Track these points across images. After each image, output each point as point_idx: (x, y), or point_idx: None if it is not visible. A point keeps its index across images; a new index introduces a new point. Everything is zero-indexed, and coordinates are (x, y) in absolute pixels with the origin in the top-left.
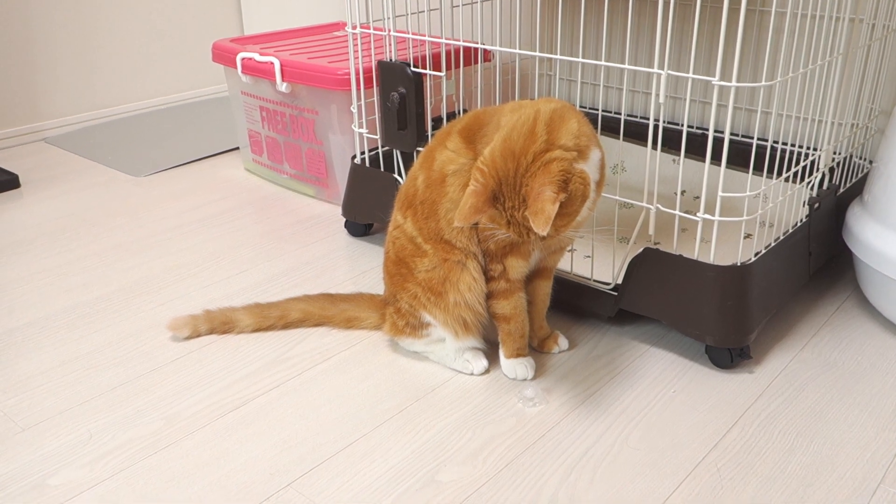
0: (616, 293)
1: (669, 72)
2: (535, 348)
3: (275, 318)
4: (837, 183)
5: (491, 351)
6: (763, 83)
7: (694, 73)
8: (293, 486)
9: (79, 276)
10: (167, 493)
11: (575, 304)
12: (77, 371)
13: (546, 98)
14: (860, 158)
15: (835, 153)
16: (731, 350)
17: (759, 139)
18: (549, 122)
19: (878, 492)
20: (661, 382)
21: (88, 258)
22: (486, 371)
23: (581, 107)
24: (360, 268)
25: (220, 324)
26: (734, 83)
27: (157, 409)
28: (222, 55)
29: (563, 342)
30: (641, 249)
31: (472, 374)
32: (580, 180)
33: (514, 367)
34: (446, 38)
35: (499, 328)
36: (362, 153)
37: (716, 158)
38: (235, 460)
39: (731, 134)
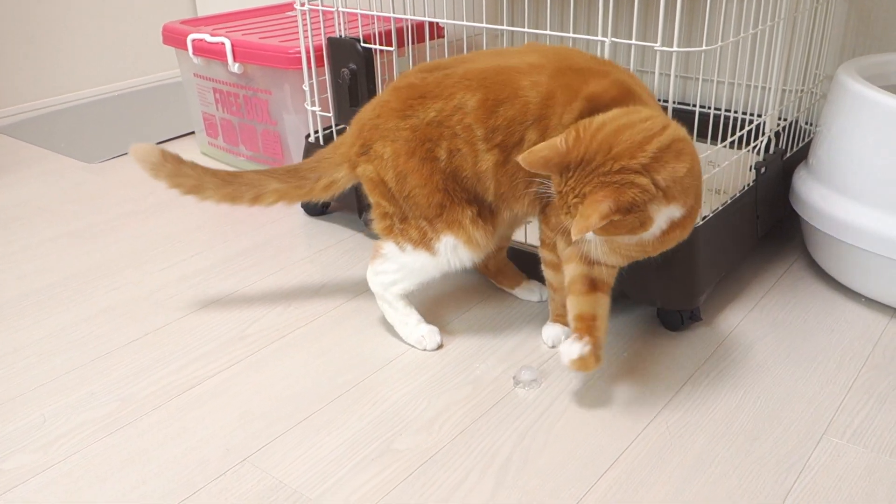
0: None
1: (613, 39)
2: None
3: (247, 198)
4: (783, 147)
5: (450, 319)
6: (704, 47)
7: (637, 40)
8: (249, 461)
9: (31, 264)
10: (122, 472)
11: (529, 271)
12: (29, 357)
13: (668, 118)
14: (807, 123)
15: (780, 118)
16: (681, 312)
17: (705, 106)
18: (664, 149)
19: (822, 442)
20: (614, 345)
21: (41, 246)
22: (440, 346)
23: None
24: (317, 246)
25: (189, 182)
26: (675, 48)
27: (112, 392)
28: (173, 37)
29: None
30: None
31: (424, 349)
32: (639, 218)
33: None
34: (395, 14)
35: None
36: (316, 132)
37: None
38: (191, 438)
39: (682, 103)
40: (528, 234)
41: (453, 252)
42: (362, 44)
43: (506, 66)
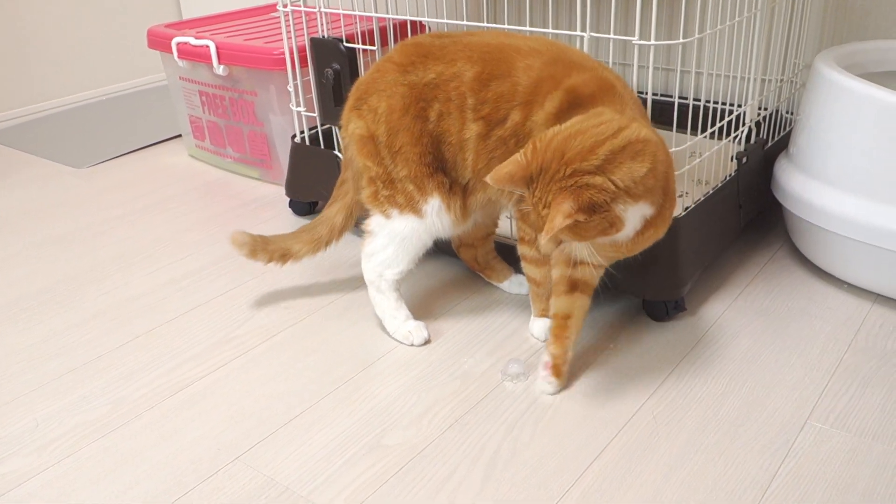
0: None
1: (592, 34)
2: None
3: (325, 235)
4: (765, 137)
5: (439, 309)
6: (682, 40)
7: (616, 34)
8: (241, 459)
9: (21, 269)
10: (115, 474)
11: (517, 265)
12: (21, 362)
13: (648, 125)
14: (787, 112)
15: (761, 108)
16: (666, 303)
17: (686, 98)
18: (617, 151)
19: (806, 427)
20: (601, 337)
21: (31, 251)
22: (427, 342)
23: None
24: None
25: (278, 253)
26: (653, 41)
27: (104, 395)
28: (157, 41)
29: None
30: None
31: (412, 345)
32: (607, 219)
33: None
34: (378, 14)
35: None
36: (302, 132)
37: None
38: (183, 439)
39: (664, 95)
40: (515, 228)
41: (438, 215)
42: (345, 43)
43: (507, 45)
